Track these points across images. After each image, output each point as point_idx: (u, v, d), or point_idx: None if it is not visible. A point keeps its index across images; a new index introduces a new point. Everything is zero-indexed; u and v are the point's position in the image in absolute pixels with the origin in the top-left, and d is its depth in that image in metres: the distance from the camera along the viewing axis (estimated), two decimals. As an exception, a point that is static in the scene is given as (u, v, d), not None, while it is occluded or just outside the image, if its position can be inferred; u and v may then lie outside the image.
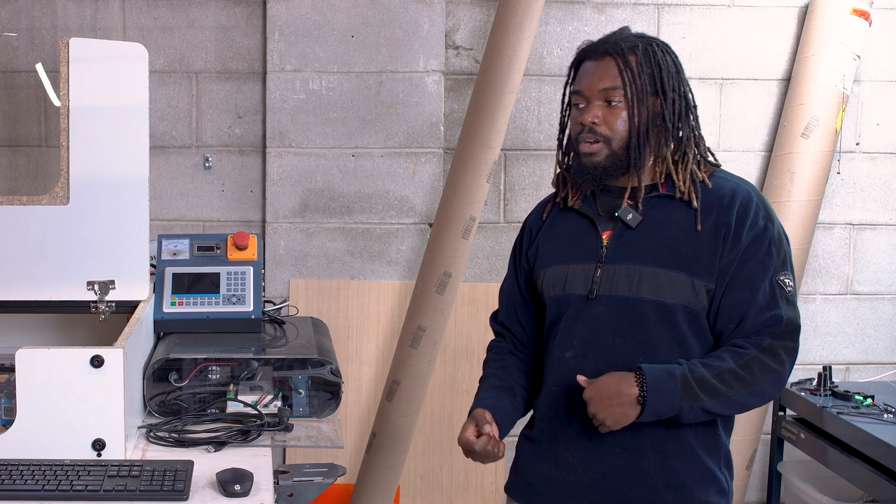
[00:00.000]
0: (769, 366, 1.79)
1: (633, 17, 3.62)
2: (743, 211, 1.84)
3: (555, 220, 2.02)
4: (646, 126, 1.87)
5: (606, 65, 1.88)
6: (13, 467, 1.72)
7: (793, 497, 3.24)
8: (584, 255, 1.92)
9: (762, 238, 1.83)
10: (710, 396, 1.77)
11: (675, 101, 1.89)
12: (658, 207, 1.89)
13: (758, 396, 1.80)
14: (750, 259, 1.82)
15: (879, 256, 3.79)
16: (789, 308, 1.82)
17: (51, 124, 3.55)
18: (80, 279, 2.22)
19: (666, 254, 1.85)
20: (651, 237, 1.87)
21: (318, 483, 2.01)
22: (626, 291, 1.86)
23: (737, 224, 1.83)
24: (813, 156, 3.53)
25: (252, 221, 3.61)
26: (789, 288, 1.84)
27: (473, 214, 3.30)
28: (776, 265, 1.83)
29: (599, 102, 1.88)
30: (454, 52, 3.60)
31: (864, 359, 3.83)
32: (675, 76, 1.90)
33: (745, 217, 1.84)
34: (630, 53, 1.88)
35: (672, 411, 1.78)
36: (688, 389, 1.77)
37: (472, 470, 3.63)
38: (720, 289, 1.83)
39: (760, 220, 1.84)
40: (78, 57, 2.17)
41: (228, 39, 3.56)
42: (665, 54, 1.90)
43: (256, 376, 2.25)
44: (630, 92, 1.86)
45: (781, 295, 1.82)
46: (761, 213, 1.85)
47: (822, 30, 3.52)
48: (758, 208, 1.85)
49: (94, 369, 1.80)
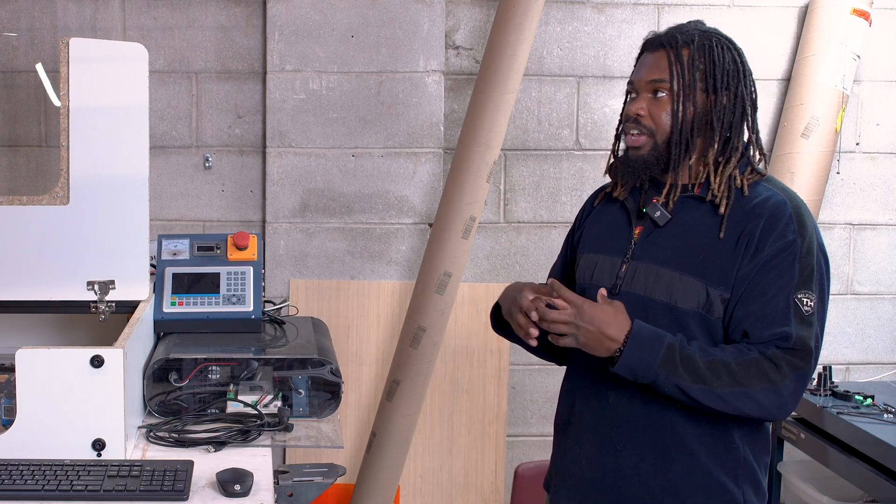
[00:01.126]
0: (767, 373, 1.72)
1: (633, 17, 3.62)
2: (771, 221, 1.77)
3: (603, 208, 2.00)
4: (690, 123, 1.82)
5: (659, 57, 1.85)
6: (13, 467, 1.72)
7: (793, 497, 3.24)
8: (615, 248, 1.90)
9: (786, 251, 1.76)
10: (692, 378, 1.72)
11: (728, 100, 1.83)
12: (689, 209, 1.84)
13: (747, 400, 1.72)
14: (769, 272, 1.76)
15: (879, 256, 3.79)
16: (802, 327, 1.74)
17: (51, 124, 3.55)
18: (80, 279, 2.22)
19: (684, 257, 1.81)
20: (674, 238, 1.83)
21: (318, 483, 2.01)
22: (643, 291, 1.84)
23: (761, 234, 1.77)
24: (813, 156, 3.53)
25: (252, 221, 3.61)
26: (807, 307, 1.76)
27: (473, 214, 3.30)
28: (796, 282, 1.76)
29: (647, 94, 1.85)
30: (454, 52, 3.60)
31: (864, 359, 3.83)
32: (731, 75, 1.83)
33: (772, 228, 1.77)
34: (684, 46, 1.83)
35: (647, 375, 1.73)
36: (670, 359, 1.72)
37: (472, 470, 3.63)
38: (734, 298, 1.77)
39: (790, 233, 1.77)
40: (78, 57, 2.17)
41: (228, 39, 3.56)
42: (725, 51, 1.84)
43: (256, 376, 2.25)
44: (676, 86, 1.81)
45: (795, 313, 1.75)
46: (792, 227, 1.77)
47: (822, 30, 3.52)
48: (789, 220, 1.78)
49: (94, 369, 1.80)
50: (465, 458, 3.63)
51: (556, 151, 3.66)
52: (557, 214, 3.66)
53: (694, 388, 1.72)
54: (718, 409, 1.74)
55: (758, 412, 1.74)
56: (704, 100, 1.83)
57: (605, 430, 1.87)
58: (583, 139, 3.65)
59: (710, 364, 1.72)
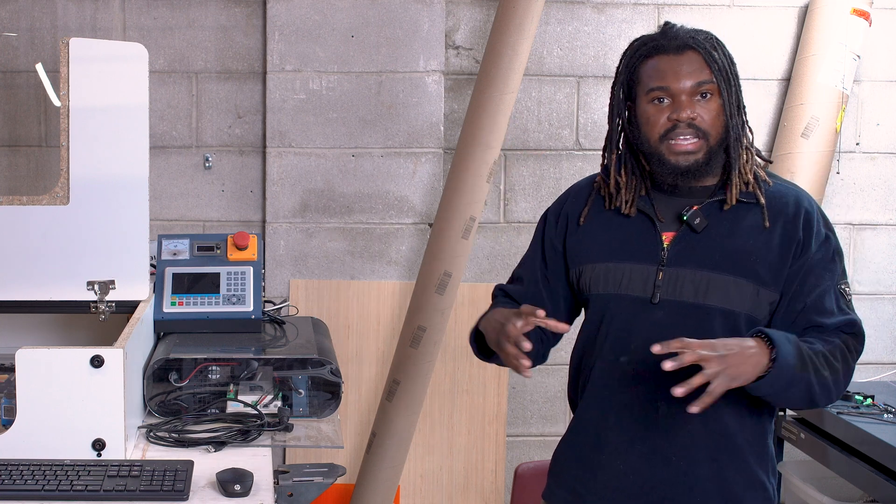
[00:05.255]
0: (846, 359, 1.80)
1: (633, 17, 3.62)
2: (808, 220, 1.82)
3: (601, 216, 1.93)
4: (739, 120, 1.84)
5: (690, 58, 1.80)
6: (13, 467, 1.72)
7: (793, 497, 3.24)
8: (642, 255, 1.85)
9: (827, 247, 1.83)
10: (813, 370, 1.73)
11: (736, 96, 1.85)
12: (717, 213, 1.82)
13: (837, 385, 1.78)
14: (816, 268, 1.81)
15: (879, 256, 3.79)
16: (854, 313, 1.85)
17: (51, 124, 3.55)
18: (80, 279, 2.23)
19: (734, 260, 1.79)
20: (719, 242, 1.81)
21: (318, 483, 2.01)
22: (692, 297, 1.80)
23: (804, 234, 1.81)
24: (813, 156, 3.53)
25: (252, 221, 3.61)
26: (849, 296, 1.85)
27: (473, 214, 3.30)
28: (839, 273, 1.84)
29: (693, 98, 1.80)
30: (454, 52, 3.60)
31: (864, 359, 3.77)
32: (734, 73, 1.86)
33: (811, 227, 1.82)
34: (711, 47, 1.82)
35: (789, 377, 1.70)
36: (800, 355, 1.71)
37: (472, 470, 3.63)
38: (786, 296, 1.81)
39: (822, 228, 1.84)
40: (78, 57, 2.17)
41: (228, 39, 3.56)
42: (726, 50, 1.87)
43: (256, 376, 2.25)
44: (724, 85, 1.81)
45: (846, 302, 1.84)
46: (822, 222, 1.85)
47: (822, 30, 3.52)
48: (819, 216, 1.85)
49: (94, 369, 1.80)
50: (465, 458, 3.63)
51: (556, 151, 3.66)
52: (557, 214, 3.65)
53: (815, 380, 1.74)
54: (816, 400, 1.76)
55: (839, 394, 1.82)
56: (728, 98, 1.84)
57: (656, 442, 1.83)
58: (583, 139, 3.65)
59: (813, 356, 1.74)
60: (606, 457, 1.87)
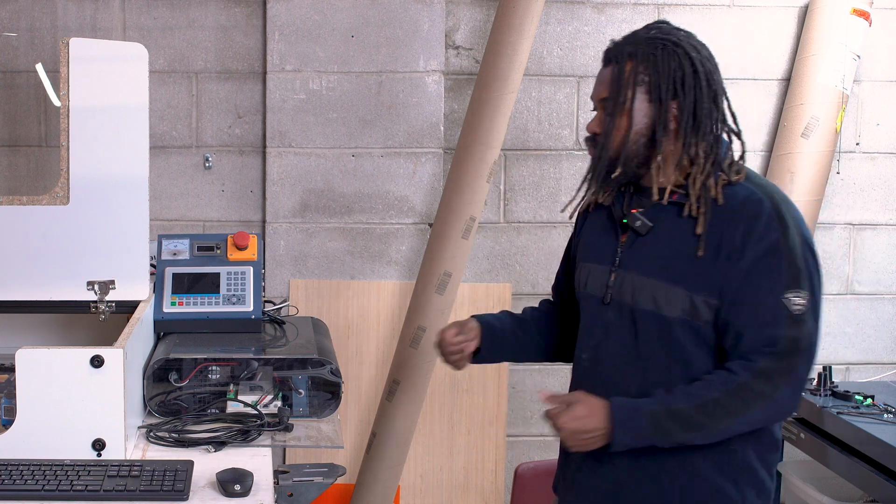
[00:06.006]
0: (760, 392, 1.69)
1: (633, 17, 3.62)
2: (751, 223, 1.73)
3: (595, 215, 1.99)
4: (636, 137, 1.79)
5: (606, 72, 1.84)
6: (13, 467, 1.72)
7: (793, 497, 3.24)
8: (603, 256, 1.89)
9: (771, 252, 1.71)
10: (688, 430, 1.71)
11: (679, 107, 1.78)
12: (669, 217, 1.81)
13: (748, 422, 1.72)
14: (756, 275, 1.71)
15: (879, 256, 3.79)
16: (793, 327, 1.70)
17: (51, 124, 3.55)
18: (80, 279, 2.23)
19: (667, 266, 1.78)
20: (656, 247, 1.81)
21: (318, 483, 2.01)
22: (631, 301, 1.83)
23: (742, 238, 1.72)
24: (813, 156, 3.53)
25: (252, 221, 3.61)
26: (797, 307, 1.70)
27: (473, 214, 3.30)
28: (785, 282, 1.70)
29: (600, 111, 1.85)
30: (454, 52, 3.60)
31: (864, 359, 3.83)
32: (679, 81, 1.77)
33: (752, 230, 1.72)
34: (628, 59, 1.80)
35: (644, 444, 1.74)
36: (656, 426, 1.72)
37: (472, 470, 3.63)
38: (724, 304, 1.74)
39: (772, 232, 1.72)
40: (78, 57, 2.17)
41: (228, 39, 3.56)
42: (672, 58, 1.78)
43: (256, 376, 2.25)
44: (620, 101, 1.79)
45: (786, 314, 1.70)
46: (773, 225, 1.72)
47: (822, 30, 3.52)
48: (770, 218, 1.73)
49: (94, 369, 1.80)
50: (465, 458, 3.63)
51: (556, 151, 3.66)
52: (557, 214, 3.65)
53: (695, 437, 1.73)
54: (719, 439, 1.75)
55: (763, 423, 1.76)
56: (651, 110, 1.79)
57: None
58: (583, 139, 3.65)
59: (700, 408, 1.71)
60: (573, 453, 1.91)
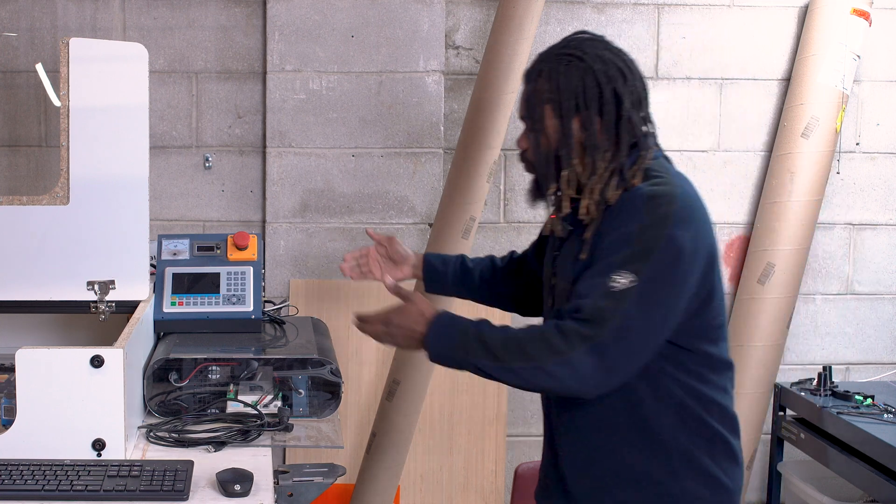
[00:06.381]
0: (554, 345, 1.69)
1: (633, 17, 3.62)
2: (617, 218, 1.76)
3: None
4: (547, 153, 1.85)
5: (522, 92, 1.92)
6: (13, 467, 1.72)
7: (793, 497, 3.24)
8: (548, 263, 1.99)
9: (620, 239, 1.73)
10: (487, 357, 1.74)
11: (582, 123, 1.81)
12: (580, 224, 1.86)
13: (541, 374, 1.71)
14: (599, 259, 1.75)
15: (879, 256, 3.79)
16: (602, 299, 1.70)
17: (51, 124, 3.55)
18: (80, 279, 2.22)
19: (571, 270, 1.84)
20: (570, 253, 1.87)
21: (318, 483, 2.01)
22: (552, 303, 1.94)
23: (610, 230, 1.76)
24: (813, 156, 3.53)
25: (252, 221, 3.61)
26: (615, 284, 1.69)
27: (473, 214, 3.30)
28: (618, 264, 1.71)
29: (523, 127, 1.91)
30: (454, 52, 3.60)
31: (864, 359, 3.83)
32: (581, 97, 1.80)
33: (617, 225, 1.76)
34: (538, 77, 1.86)
35: (451, 359, 1.80)
36: (464, 342, 1.76)
37: (472, 470, 3.63)
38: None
39: (631, 223, 1.73)
40: (78, 57, 2.17)
41: (228, 39, 3.56)
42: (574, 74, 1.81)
43: (256, 376, 2.25)
44: (532, 119, 1.86)
45: (603, 289, 1.70)
46: (637, 216, 1.74)
47: (822, 30, 3.52)
48: (635, 211, 1.74)
49: (94, 369, 1.80)
50: (465, 458, 3.63)
51: (556, 151, 3.65)
52: (557, 214, 3.65)
53: (489, 365, 1.75)
54: (516, 384, 1.77)
55: (557, 386, 1.73)
56: (557, 126, 1.83)
57: (551, 434, 1.95)
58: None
59: (504, 342, 1.74)
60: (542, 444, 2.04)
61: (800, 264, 3.59)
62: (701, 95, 3.66)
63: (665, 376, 1.80)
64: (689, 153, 3.68)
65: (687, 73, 3.65)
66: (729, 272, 3.73)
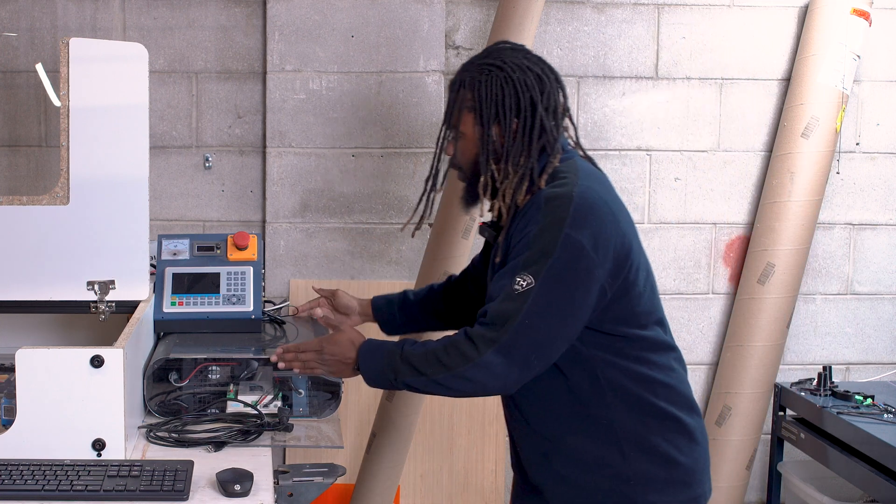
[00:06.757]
0: (464, 352, 1.80)
1: (633, 17, 3.62)
2: (524, 218, 1.86)
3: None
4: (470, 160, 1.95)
5: (447, 101, 1.99)
6: (13, 467, 1.72)
7: (793, 497, 3.24)
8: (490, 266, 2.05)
9: (524, 243, 1.82)
10: (412, 374, 1.84)
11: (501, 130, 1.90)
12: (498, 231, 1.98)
13: (461, 380, 1.81)
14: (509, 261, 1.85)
15: (879, 256, 3.79)
16: (506, 302, 1.79)
17: (51, 124, 3.55)
18: (80, 279, 2.22)
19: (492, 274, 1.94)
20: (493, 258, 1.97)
21: (318, 483, 2.01)
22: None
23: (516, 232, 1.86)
24: (813, 156, 3.53)
25: (252, 221, 3.61)
26: (517, 286, 1.79)
27: (473, 215, 3.29)
28: (521, 264, 1.80)
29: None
30: (454, 52, 3.60)
31: (864, 359, 3.83)
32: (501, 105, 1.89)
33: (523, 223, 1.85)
34: (459, 87, 1.94)
35: (383, 382, 1.90)
36: (391, 364, 1.86)
37: (472, 470, 3.63)
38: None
39: (533, 224, 1.82)
40: (78, 57, 2.17)
41: (228, 39, 3.56)
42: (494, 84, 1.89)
43: (256, 376, 2.25)
44: (454, 127, 1.95)
45: (506, 292, 1.80)
46: (536, 218, 1.82)
47: (822, 30, 3.52)
48: (534, 213, 1.83)
49: (94, 369, 1.80)
50: (465, 458, 3.63)
51: (556, 151, 3.65)
52: (557, 214, 3.65)
53: (416, 381, 1.85)
54: (445, 394, 1.86)
55: (479, 389, 1.83)
56: (478, 133, 1.92)
57: (512, 427, 2.03)
58: (583, 139, 3.62)
59: (424, 356, 1.84)
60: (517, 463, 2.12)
61: (800, 264, 3.59)
62: (701, 95, 3.66)
63: (601, 363, 1.88)
64: (689, 153, 3.68)
65: (687, 73, 3.65)
66: (729, 272, 3.74)
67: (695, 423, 1.96)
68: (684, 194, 3.69)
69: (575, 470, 1.91)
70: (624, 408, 1.89)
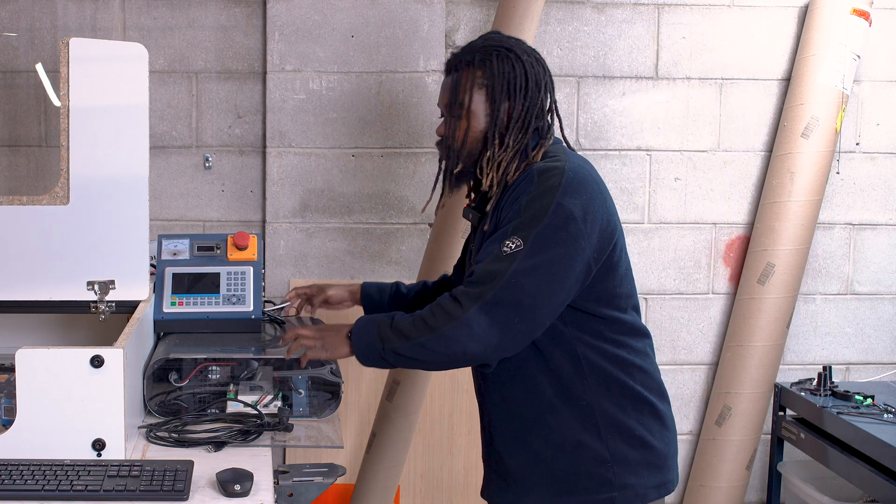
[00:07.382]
0: (448, 310, 1.82)
1: (633, 17, 3.62)
2: (513, 192, 1.91)
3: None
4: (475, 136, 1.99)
5: (447, 81, 2.05)
6: (13, 467, 1.72)
7: (793, 497, 3.24)
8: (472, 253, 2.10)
9: (516, 211, 1.87)
10: (399, 339, 1.86)
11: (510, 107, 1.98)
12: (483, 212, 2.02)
13: (445, 340, 1.82)
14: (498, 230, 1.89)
15: (879, 256, 3.79)
16: (493, 263, 1.83)
17: (51, 124, 3.55)
18: (80, 279, 2.22)
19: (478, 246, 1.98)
20: (479, 237, 2.01)
21: (318, 483, 2.01)
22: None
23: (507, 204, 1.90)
24: (813, 156, 3.53)
25: (252, 221, 3.61)
26: (506, 249, 1.83)
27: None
28: (511, 230, 1.84)
29: (445, 116, 2.04)
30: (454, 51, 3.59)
31: (864, 359, 3.83)
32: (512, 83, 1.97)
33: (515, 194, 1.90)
34: (466, 67, 2.00)
35: (373, 355, 1.91)
36: (381, 333, 1.88)
37: (473, 470, 3.63)
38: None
39: (524, 195, 1.87)
40: (78, 57, 2.17)
41: (228, 39, 3.56)
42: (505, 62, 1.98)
43: (256, 376, 2.25)
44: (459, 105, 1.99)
45: (496, 255, 1.83)
46: (528, 189, 1.87)
47: (822, 30, 3.52)
48: (526, 186, 1.88)
49: (94, 369, 1.80)
50: (465, 458, 3.63)
51: (556, 151, 3.65)
52: (557, 214, 3.65)
53: (403, 346, 1.86)
54: (430, 359, 1.86)
55: (460, 351, 1.83)
56: (488, 110, 1.98)
57: (484, 416, 2.05)
58: (583, 139, 3.65)
59: (412, 321, 1.87)
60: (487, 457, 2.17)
61: (800, 264, 3.59)
62: (701, 95, 3.66)
63: (581, 344, 1.91)
64: (689, 153, 3.68)
65: (687, 73, 3.65)
66: (729, 272, 3.74)
67: (666, 409, 2.01)
68: (684, 194, 3.69)
69: (552, 450, 1.94)
70: (602, 390, 1.93)
